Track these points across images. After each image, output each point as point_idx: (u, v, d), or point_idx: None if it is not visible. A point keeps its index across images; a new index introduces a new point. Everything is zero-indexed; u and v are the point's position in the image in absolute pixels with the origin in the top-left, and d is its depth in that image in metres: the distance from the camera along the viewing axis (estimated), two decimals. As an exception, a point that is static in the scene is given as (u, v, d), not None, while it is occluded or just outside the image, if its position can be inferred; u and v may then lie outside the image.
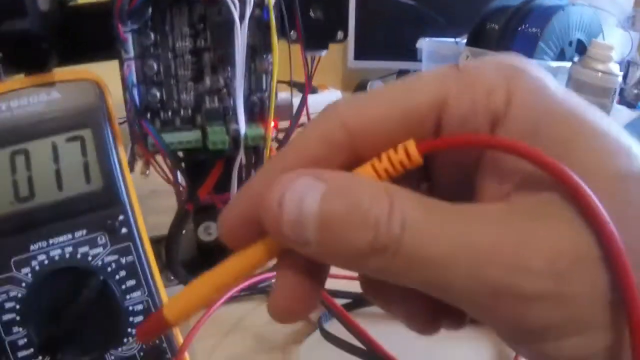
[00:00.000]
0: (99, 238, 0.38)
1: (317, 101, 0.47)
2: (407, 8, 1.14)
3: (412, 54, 1.18)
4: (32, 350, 0.36)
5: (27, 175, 0.38)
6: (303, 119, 0.50)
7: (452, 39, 1.00)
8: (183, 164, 0.48)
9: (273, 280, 0.52)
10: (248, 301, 0.56)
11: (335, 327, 0.46)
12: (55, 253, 0.37)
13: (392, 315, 0.24)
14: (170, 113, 0.45)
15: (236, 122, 0.45)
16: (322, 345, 0.46)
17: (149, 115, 0.45)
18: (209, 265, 0.53)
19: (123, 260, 0.38)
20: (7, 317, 0.36)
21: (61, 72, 0.40)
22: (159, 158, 0.47)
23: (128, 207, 0.39)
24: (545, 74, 0.20)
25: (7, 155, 0.38)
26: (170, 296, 0.38)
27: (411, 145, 0.19)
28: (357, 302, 0.52)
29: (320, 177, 0.19)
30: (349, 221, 0.17)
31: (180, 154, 0.47)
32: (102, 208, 0.38)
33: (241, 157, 0.45)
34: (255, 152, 0.47)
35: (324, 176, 0.19)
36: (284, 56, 0.45)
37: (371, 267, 0.18)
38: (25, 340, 0.36)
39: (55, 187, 0.38)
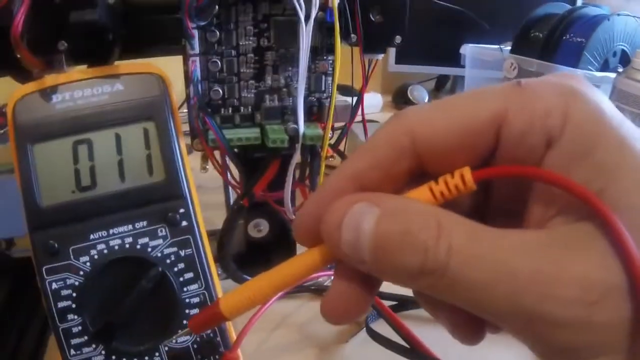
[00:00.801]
0: (159, 230, 0.38)
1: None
2: (449, 12, 1.12)
3: (453, 59, 1.18)
4: (85, 338, 0.36)
5: (89, 165, 0.38)
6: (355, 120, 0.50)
7: (495, 46, 0.98)
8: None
9: (319, 279, 0.54)
10: (295, 299, 0.57)
11: (380, 328, 0.46)
12: (115, 243, 0.37)
13: (439, 322, 0.25)
14: (230, 110, 0.45)
15: (294, 121, 0.45)
16: (367, 344, 0.47)
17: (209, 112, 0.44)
18: (256, 261, 0.55)
19: (182, 253, 0.38)
20: (62, 304, 0.36)
21: (125, 65, 0.40)
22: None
23: (189, 200, 0.39)
24: (603, 98, 0.20)
25: (69, 145, 0.38)
26: (222, 290, 0.39)
27: (467, 172, 0.21)
28: (402, 304, 0.52)
29: (375, 201, 0.20)
30: (400, 245, 0.19)
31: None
32: (163, 200, 0.38)
33: (297, 156, 0.45)
34: (311, 152, 0.47)
35: (379, 201, 0.20)
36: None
37: (419, 285, 0.20)
38: (80, 328, 0.36)
39: (117, 178, 0.38)
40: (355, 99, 0.49)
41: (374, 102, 1.21)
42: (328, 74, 0.45)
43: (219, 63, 0.43)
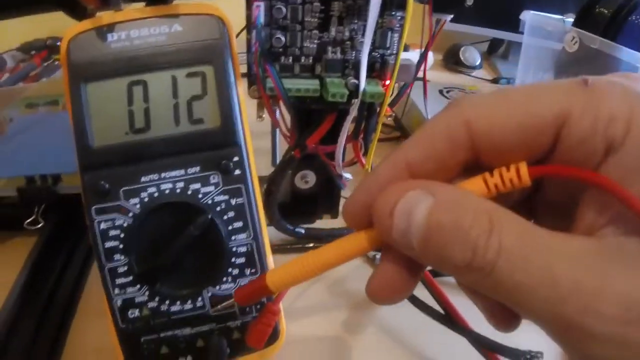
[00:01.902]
0: (211, 177, 0.37)
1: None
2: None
3: (509, 24, 1.15)
4: (130, 278, 0.36)
5: (143, 107, 0.37)
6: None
7: (557, 16, 0.94)
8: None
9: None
10: None
11: (416, 291, 0.46)
12: (166, 187, 0.37)
13: (476, 306, 0.25)
14: (291, 59, 0.44)
15: (355, 76, 0.43)
16: (402, 306, 0.46)
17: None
18: (300, 212, 0.54)
19: (233, 202, 0.37)
20: (110, 244, 0.36)
21: (185, 5, 0.38)
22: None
23: (244, 148, 0.38)
24: None
25: (124, 85, 0.36)
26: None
27: (523, 167, 0.21)
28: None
29: (430, 190, 0.20)
30: (450, 238, 0.19)
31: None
32: (218, 147, 0.37)
33: (354, 112, 0.44)
34: (369, 109, 0.46)
35: (433, 189, 0.20)
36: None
37: (465, 278, 0.20)
38: (126, 268, 0.36)
39: (172, 122, 0.37)
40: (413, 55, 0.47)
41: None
42: (395, 30, 0.43)
43: (284, 9, 0.41)
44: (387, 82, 0.44)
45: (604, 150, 0.19)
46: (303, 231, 0.56)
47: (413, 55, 0.46)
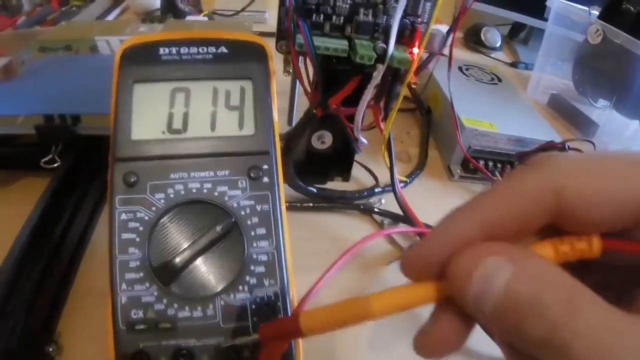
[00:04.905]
0: (240, 181, 0.36)
1: (438, 28, 0.46)
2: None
3: (533, 9, 1.13)
4: (141, 274, 0.34)
5: (183, 111, 0.38)
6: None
7: (584, 7, 0.91)
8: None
9: (371, 200, 0.57)
10: (343, 214, 0.57)
11: None
12: (194, 186, 0.36)
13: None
14: (322, 17, 0.44)
15: (384, 40, 0.43)
16: None
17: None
18: (313, 172, 0.54)
19: (259, 208, 0.36)
20: (127, 236, 0.35)
21: (232, 33, 0.41)
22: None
23: (274, 158, 0.38)
24: None
25: (168, 90, 0.38)
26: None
27: (596, 241, 0.20)
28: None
29: (511, 259, 0.19)
30: (528, 313, 0.18)
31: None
32: (249, 154, 0.37)
33: (380, 76, 0.44)
34: (394, 75, 0.46)
35: (515, 258, 0.19)
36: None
37: (533, 352, 0.18)
38: (137, 263, 0.34)
39: (208, 127, 0.38)
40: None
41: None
42: (428, -2, 0.43)
43: (321, -34, 0.41)
44: (415, 49, 0.44)
45: None
46: (315, 190, 0.55)
47: (437, 29, 0.46)
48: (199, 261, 0.35)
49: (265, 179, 0.37)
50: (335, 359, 0.42)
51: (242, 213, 0.36)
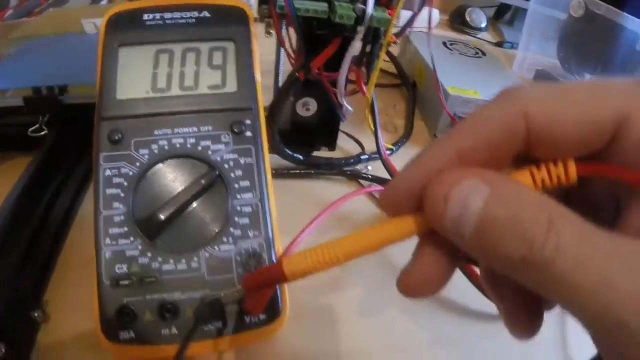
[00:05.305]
0: (223, 136, 0.37)
1: None
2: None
3: None
4: (125, 229, 0.34)
5: (167, 71, 0.39)
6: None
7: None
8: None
9: (358, 167, 0.57)
10: (331, 181, 0.58)
11: None
12: (177, 141, 0.37)
13: (497, 308, 0.24)
14: None
15: (362, 2, 0.44)
16: None
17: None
18: (298, 142, 0.55)
19: (242, 161, 0.37)
20: (111, 191, 0.35)
21: None
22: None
23: (257, 114, 0.38)
24: None
25: (152, 52, 0.40)
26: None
27: (571, 165, 0.20)
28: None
29: (486, 180, 0.19)
30: (506, 230, 0.18)
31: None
32: (231, 110, 0.38)
33: (360, 37, 0.45)
34: (374, 35, 0.46)
35: (490, 180, 0.19)
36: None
37: (516, 274, 0.19)
38: (122, 217, 0.35)
39: (191, 85, 0.39)
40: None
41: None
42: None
43: None
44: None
45: None
46: (302, 157, 0.56)
47: (424, 12, 0.48)
48: (183, 214, 0.35)
49: (248, 133, 0.37)
50: (325, 327, 0.42)
51: (226, 166, 0.36)
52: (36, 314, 0.38)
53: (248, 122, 0.38)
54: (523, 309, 0.23)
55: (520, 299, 0.23)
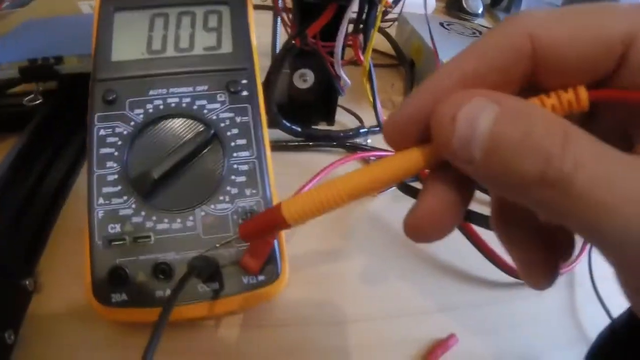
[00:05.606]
0: (218, 95, 0.37)
1: None
2: None
3: None
4: (119, 188, 0.34)
5: (162, 34, 0.39)
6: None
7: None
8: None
9: (356, 140, 0.56)
10: (326, 153, 0.57)
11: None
12: (172, 101, 0.37)
13: (511, 257, 0.23)
14: None
15: None
16: (398, 199, 0.47)
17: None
18: (296, 117, 0.54)
19: (238, 120, 0.37)
20: (105, 150, 0.35)
21: None
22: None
23: (252, 74, 0.38)
24: None
25: (148, 16, 0.40)
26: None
27: (582, 90, 0.18)
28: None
29: (495, 99, 0.18)
30: (519, 147, 0.16)
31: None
32: (227, 71, 0.38)
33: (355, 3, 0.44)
34: (369, 3, 0.45)
35: (499, 99, 0.18)
36: None
37: (532, 197, 0.17)
38: (116, 176, 0.34)
39: (187, 47, 0.39)
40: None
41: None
42: None
43: None
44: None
45: None
46: (300, 129, 0.55)
47: None
48: (179, 173, 0.35)
49: (245, 92, 0.37)
50: (327, 295, 0.41)
51: (222, 125, 0.36)
52: (27, 282, 0.37)
53: (244, 81, 0.37)
54: (537, 256, 0.22)
55: (533, 244, 0.22)
